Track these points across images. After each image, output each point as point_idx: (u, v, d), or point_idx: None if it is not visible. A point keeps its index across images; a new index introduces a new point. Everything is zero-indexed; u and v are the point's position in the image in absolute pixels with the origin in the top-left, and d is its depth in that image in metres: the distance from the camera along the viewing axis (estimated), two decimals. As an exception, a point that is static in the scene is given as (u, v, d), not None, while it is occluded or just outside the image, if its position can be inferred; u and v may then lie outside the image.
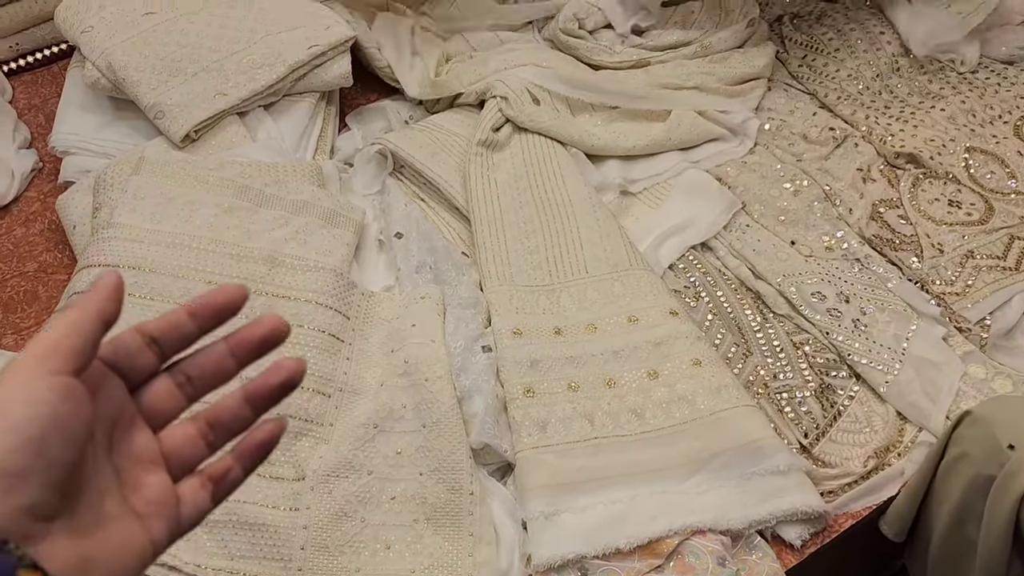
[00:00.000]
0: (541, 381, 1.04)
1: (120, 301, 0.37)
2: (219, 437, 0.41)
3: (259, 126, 1.33)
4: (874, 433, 1.06)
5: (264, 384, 0.40)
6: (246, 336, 0.40)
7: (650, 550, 0.92)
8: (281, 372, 0.40)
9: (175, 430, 0.40)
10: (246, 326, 0.40)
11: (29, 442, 0.32)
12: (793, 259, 1.23)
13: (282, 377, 0.40)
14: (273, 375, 0.40)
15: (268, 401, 0.41)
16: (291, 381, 0.40)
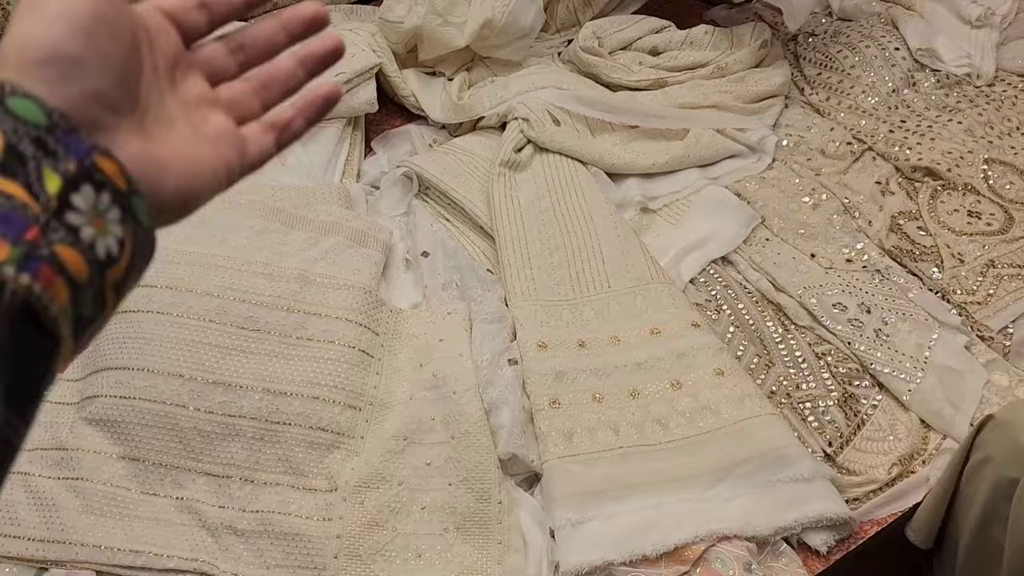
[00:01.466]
0: (566, 392, 1.06)
1: None
2: (273, 95, 0.42)
3: (288, 152, 1.37)
4: (898, 441, 1.07)
5: (317, 48, 0.42)
6: (297, 14, 0.41)
7: (677, 556, 0.94)
8: (330, 41, 0.42)
9: (231, 85, 0.42)
10: (295, 7, 0.41)
11: (77, 31, 0.32)
12: (814, 271, 1.25)
13: (331, 44, 0.42)
14: (324, 42, 0.42)
15: (320, 65, 0.42)
16: (339, 49, 0.42)
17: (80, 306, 0.30)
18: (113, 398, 1.02)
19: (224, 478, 1.00)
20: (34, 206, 0.28)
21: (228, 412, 1.01)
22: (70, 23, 0.32)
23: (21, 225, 0.28)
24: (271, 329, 1.07)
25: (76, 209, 0.30)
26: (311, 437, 1.01)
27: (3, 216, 0.27)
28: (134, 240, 0.32)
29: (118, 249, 0.31)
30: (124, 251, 0.32)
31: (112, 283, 0.31)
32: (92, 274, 0.30)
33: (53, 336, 0.29)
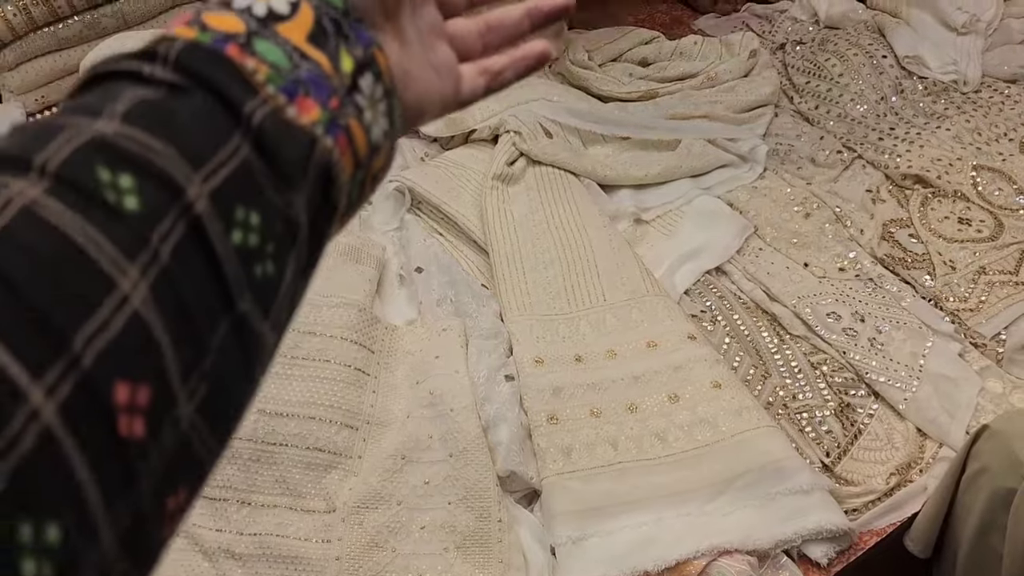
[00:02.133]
0: (564, 408, 1.06)
1: None
2: (494, 39, 0.43)
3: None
4: (895, 450, 1.07)
5: (546, 3, 0.43)
6: (544, 4, 0.43)
7: (678, 572, 0.93)
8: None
9: (459, 21, 0.43)
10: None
11: None
12: (807, 280, 1.25)
13: (563, 2, 0.43)
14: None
15: (546, 19, 0.44)
16: (570, 7, 0.43)
17: (353, 184, 0.31)
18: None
19: (220, 501, 0.99)
20: (335, 78, 0.30)
21: (224, 434, 1.00)
22: None
23: (327, 92, 0.29)
24: (266, 349, 1.07)
25: (362, 92, 0.31)
26: (308, 458, 1.01)
27: (314, 80, 0.29)
28: (392, 136, 0.34)
29: (382, 139, 0.33)
30: (384, 144, 0.33)
31: (373, 172, 0.33)
32: (367, 155, 0.32)
33: (334, 206, 0.30)
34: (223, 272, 0.25)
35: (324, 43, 0.31)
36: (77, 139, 0.23)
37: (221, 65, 0.27)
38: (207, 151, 0.25)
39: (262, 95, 0.28)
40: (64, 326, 0.21)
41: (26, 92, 1.59)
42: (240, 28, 0.29)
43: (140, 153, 0.24)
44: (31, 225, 0.21)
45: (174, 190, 0.24)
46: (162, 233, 0.23)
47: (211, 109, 0.26)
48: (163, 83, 0.26)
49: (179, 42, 0.27)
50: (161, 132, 0.25)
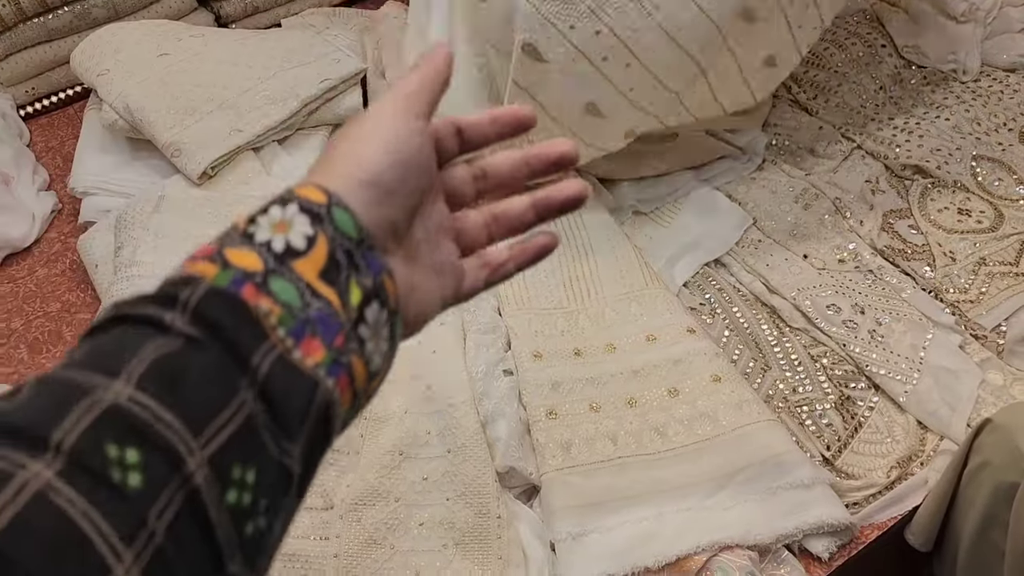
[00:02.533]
0: (563, 403, 1.05)
1: (451, 68, 0.41)
2: (500, 231, 0.44)
3: (274, 160, 1.35)
4: (896, 443, 1.07)
5: (553, 196, 0.43)
6: (543, 152, 0.43)
7: (678, 567, 0.93)
8: (568, 189, 0.43)
9: (467, 215, 0.44)
10: (545, 143, 0.43)
11: (399, 164, 0.37)
12: (807, 272, 1.25)
13: (568, 193, 0.43)
14: (561, 191, 0.43)
15: (552, 212, 0.44)
16: (577, 199, 0.43)
17: (349, 412, 0.33)
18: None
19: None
20: (342, 313, 0.32)
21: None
22: (395, 158, 0.37)
23: (334, 330, 0.31)
24: (262, 345, 1.06)
25: (366, 323, 0.33)
26: (305, 454, 1.00)
27: (322, 319, 0.31)
28: (391, 356, 0.36)
29: (381, 364, 0.35)
30: (383, 366, 0.35)
31: (369, 394, 0.35)
32: (366, 384, 0.34)
33: (330, 437, 0.32)
34: (215, 537, 0.27)
35: (335, 277, 0.32)
36: (93, 411, 0.25)
37: (236, 313, 0.29)
38: (212, 414, 0.27)
39: (272, 339, 0.30)
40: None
41: (16, 84, 1.57)
42: (258, 266, 0.31)
43: (149, 424, 0.26)
44: (43, 511, 0.23)
45: (176, 463, 0.26)
46: (159, 509, 0.25)
47: (222, 363, 0.29)
48: (181, 335, 0.29)
49: (200, 287, 0.30)
50: (170, 400, 0.27)
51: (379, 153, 0.37)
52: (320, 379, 0.31)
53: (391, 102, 0.39)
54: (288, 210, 0.34)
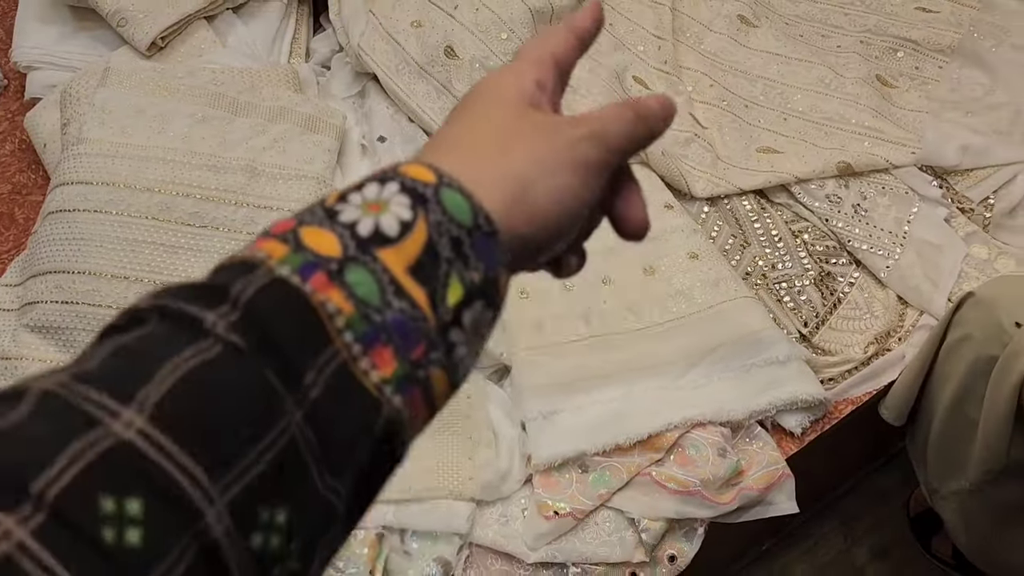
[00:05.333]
0: (535, 281, 1.02)
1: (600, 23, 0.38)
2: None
3: (229, 30, 1.27)
4: (875, 319, 1.05)
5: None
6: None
7: (650, 444, 0.92)
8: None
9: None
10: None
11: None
12: (790, 145, 1.19)
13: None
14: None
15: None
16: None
17: (422, 429, 0.29)
18: (55, 303, 0.96)
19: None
20: (431, 319, 0.27)
21: (179, 314, 0.96)
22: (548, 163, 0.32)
23: (413, 339, 0.27)
24: (219, 225, 1.01)
25: (462, 327, 0.28)
26: (269, 337, 0.97)
27: (400, 325, 0.26)
28: (471, 368, 0.30)
29: (470, 371, 0.30)
30: (471, 370, 0.30)
31: (441, 406, 0.29)
32: (446, 397, 0.29)
33: (395, 457, 0.28)
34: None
35: (431, 272, 0.27)
36: (91, 451, 0.21)
37: (296, 315, 0.25)
38: (241, 451, 0.22)
39: (335, 345, 0.25)
40: None
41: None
42: (336, 251, 0.26)
43: (159, 467, 0.21)
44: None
45: (189, 515, 0.21)
46: (162, 574, 0.20)
47: (265, 385, 0.24)
48: (220, 341, 0.24)
49: (258, 276, 0.25)
50: (190, 436, 0.22)
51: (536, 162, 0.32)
52: (385, 399, 0.26)
53: (512, 78, 0.34)
54: (387, 188, 0.28)
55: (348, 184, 0.29)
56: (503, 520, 0.90)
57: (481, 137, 0.32)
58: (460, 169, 0.30)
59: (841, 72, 1.26)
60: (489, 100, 0.34)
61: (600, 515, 0.90)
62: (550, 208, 0.31)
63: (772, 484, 0.92)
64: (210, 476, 0.22)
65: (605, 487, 0.90)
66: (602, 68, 1.24)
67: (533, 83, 0.34)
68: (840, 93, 1.23)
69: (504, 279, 0.30)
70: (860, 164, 1.13)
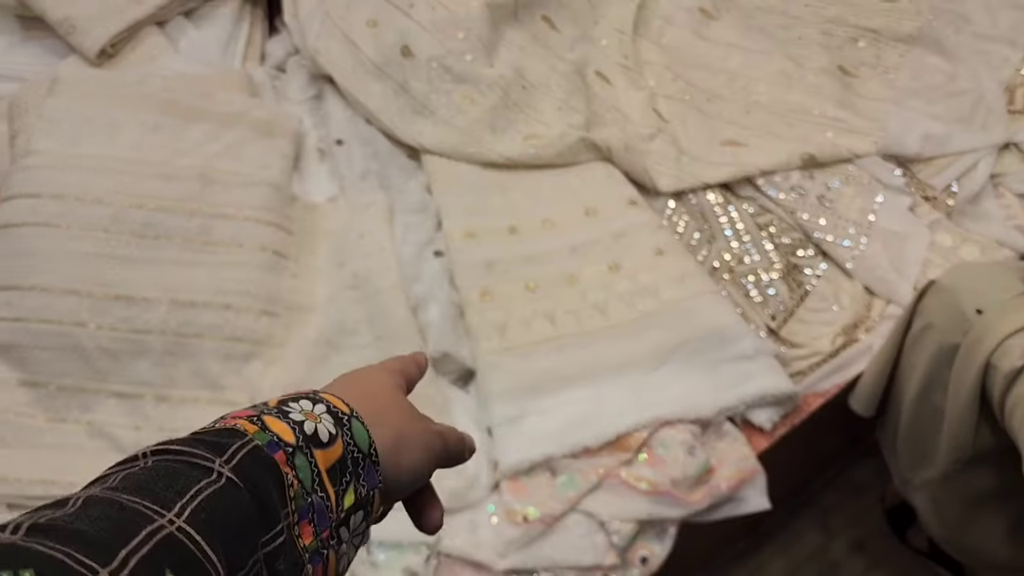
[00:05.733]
0: (498, 283, 1.00)
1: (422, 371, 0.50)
2: None
3: (181, 35, 1.24)
4: (842, 310, 1.04)
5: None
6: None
7: (619, 445, 0.91)
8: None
9: None
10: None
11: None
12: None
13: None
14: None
15: None
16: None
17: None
18: (4, 321, 0.93)
19: (136, 397, 0.93)
20: (335, 513, 0.36)
21: (133, 327, 0.94)
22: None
23: (327, 523, 0.35)
24: (173, 235, 0.99)
25: (348, 526, 0.37)
26: (226, 348, 0.95)
27: (321, 510, 0.35)
28: (348, 567, 0.39)
29: (346, 567, 0.38)
30: (346, 569, 0.39)
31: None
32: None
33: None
34: None
35: (339, 478, 0.36)
36: (154, 537, 0.27)
37: (271, 476, 0.33)
38: (243, 563, 0.31)
39: (288, 509, 0.33)
40: None
41: None
42: (290, 438, 0.35)
43: (198, 560, 0.28)
44: None
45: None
46: None
47: (254, 516, 0.32)
48: (224, 478, 0.31)
49: (246, 443, 0.33)
50: (216, 541, 0.29)
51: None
52: (305, 563, 0.34)
53: (385, 373, 0.46)
54: (317, 407, 0.38)
55: (281, 395, 0.39)
56: (471, 528, 0.88)
57: (373, 395, 0.42)
58: (360, 410, 0.39)
59: (803, 63, 1.25)
60: (373, 375, 0.45)
61: (570, 519, 0.88)
62: (408, 466, 0.41)
63: (743, 481, 0.91)
64: (229, 573, 0.30)
65: (574, 490, 0.89)
66: (562, 63, 1.22)
67: (401, 380, 0.46)
68: (802, 84, 1.23)
69: (378, 501, 0.39)
70: (824, 155, 1.13)
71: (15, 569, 0.24)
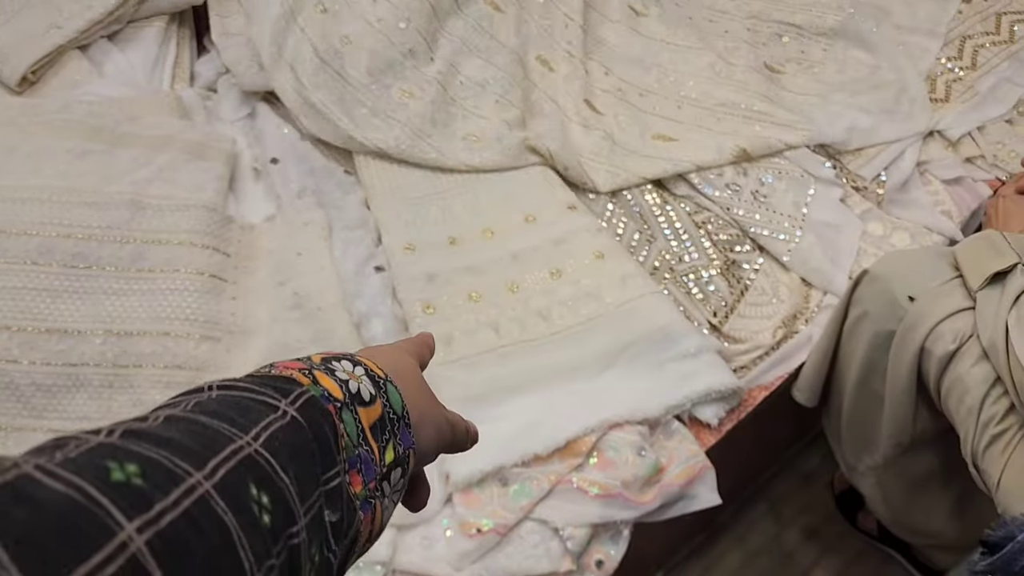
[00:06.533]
0: (440, 295, 1.00)
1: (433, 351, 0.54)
2: None
3: (105, 59, 1.21)
4: (781, 303, 1.06)
5: None
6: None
7: (569, 450, 0.91)
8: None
9: None
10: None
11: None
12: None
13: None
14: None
15: None
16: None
17: (362, 549, 0.39)
18: (-69, 362, 0.90)
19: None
20: (379, 467, 0.39)
21: (68, 361, 0.91)
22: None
23: (373, 475, 0.38)
24: (104, 264, 0.96)
25: (390, 481, 0.40)
26: (167, 377, 0.93)
27: (367, 461, 0.37)
28: (388, 519, 0.42)
29: (386, 520, 0.41)
30: (386, 523, 0.41)
31: (371, 543, 0.40)
32: (377, 532, 0.40)
33: (343, 567, 0.37)
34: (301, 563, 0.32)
35: (380, 435, 0.39)
36: (238, 455, 0.29)
37: (328, 424, 0.35)
38: (306, 494, 0.32)
39: (340, 457, 0.36)
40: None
41: None
42: (339, 395, 0.38)
43: (274, 480, 0.31)
44: (206, 515, 0.26)
45: (292, 519, 0.31)
46: (277, 552, 0.29)
47: (316, 449, 0.34)
48: (290, 415, 0.34)
49: (302, 390, 0.35)
50: (287, 467, 0.31)
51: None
52: (357, 508, 0.36)
53: (406, 353, 0.49)
54: (357, 369, 0.40)
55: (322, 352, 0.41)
56: (426, 543, 0.88)
57: (400, 373, 0.44)
58: (395, 379, 0.42)
59: (730, 59, 1.27)
60: (398, 354, 0.47)
61: (524, 527, 0.88)
62: (422, 446, 0.44)
63: (693, 478, 0.92)
64: (299, 499, 0.32)
65: (527, 498, 0.88)
66: (502, 54, 1.21)
67: (417, 361, 0.50)
68: (730, 80, 1.25)
69: (412, 459, 0.42)
70: (756, 148, 1.15)
71: (121, 462, 0.25)
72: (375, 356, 0.44)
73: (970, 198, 1.16)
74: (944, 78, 1.28)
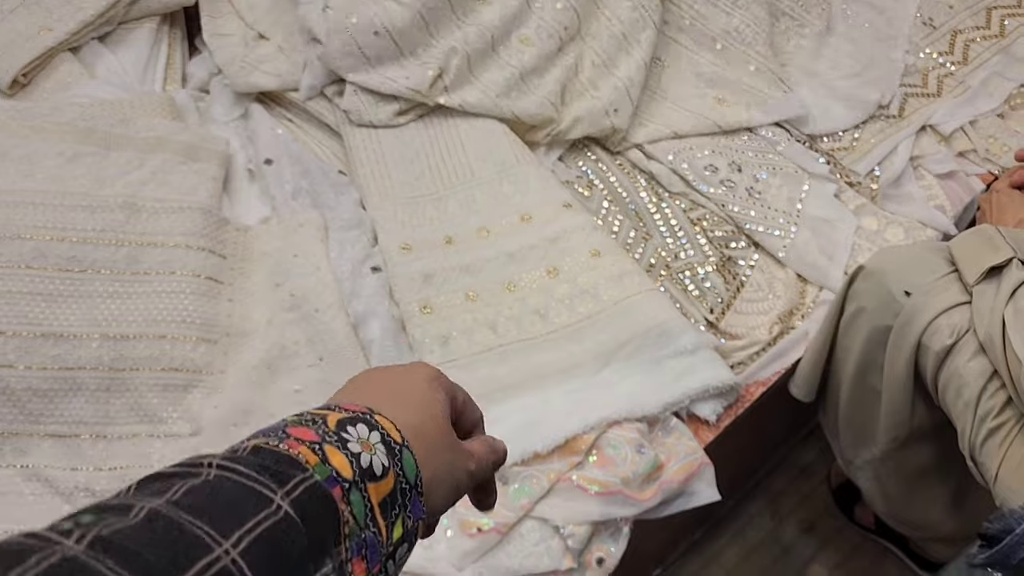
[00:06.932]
0: (437, 295, 1.00)
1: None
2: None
3: (97, 61, 1.21)
4: (777, 299, 1.06)
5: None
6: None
7: (568, 449, 0.91)
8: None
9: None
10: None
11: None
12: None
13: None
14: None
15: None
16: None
17: None
18: (-74, 368, 0.89)
19: (72, 437, 0.91)
20: (386, 547, 0.37)
21: (64, 365, 0.91)
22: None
23: (378, 558, 0.36)
24: (100, 267, 0.96)
25: (395, 560, 0.38)
26: (164, 380, 0.92)
27: (373, 545, 0.36)
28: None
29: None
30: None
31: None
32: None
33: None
34: None
35: (389, 511, 0.37)
36: (211, 568, 0.28)
37: (328, 514, 0.34)
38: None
39: (341, 547, 0.34)
40: None
41: None
42: (348, 473, 0.36)
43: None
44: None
45: None
46: None
47: (308, 553, 0.32)
48: (283, 511, 0.32)
49: (306, 479, 0.34)
50: (265, 573, 0.30)
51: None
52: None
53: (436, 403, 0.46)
54: (372, 435, 0.39)
55: (337, 413, 0.39)
56: (426, 544, 0.88)
57: (423, 435, 0.42)
58: (412, 441, 0.41)
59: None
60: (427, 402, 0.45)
61: (524, 526, 0.89)
62: (431, 508, 0.42)
63: (692, 474, 0.92)
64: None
65: (527, 497, 0.89)
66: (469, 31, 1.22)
67: (448, 409, 0.46)
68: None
69: (421, 530, 0.41)
70: (727, 121, 1.19)
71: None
72: (399, 404, 0.42)
73: (963, 192, 1.17)
74: (936, 73, 1.29)
